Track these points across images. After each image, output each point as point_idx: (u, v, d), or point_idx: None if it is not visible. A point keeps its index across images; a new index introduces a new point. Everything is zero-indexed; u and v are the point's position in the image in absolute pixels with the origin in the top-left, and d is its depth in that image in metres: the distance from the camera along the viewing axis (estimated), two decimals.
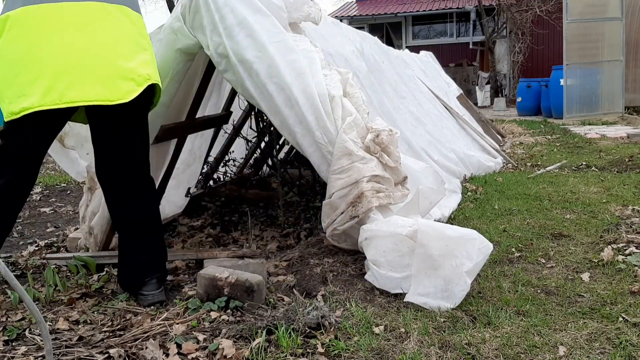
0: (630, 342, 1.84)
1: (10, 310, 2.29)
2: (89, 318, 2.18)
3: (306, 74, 2.67)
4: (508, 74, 16.23)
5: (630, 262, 2.56)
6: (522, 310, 2.12)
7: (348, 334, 1.95)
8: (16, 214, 2.30)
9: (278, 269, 2.65)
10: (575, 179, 4.68)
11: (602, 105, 10.77)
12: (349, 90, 2.79)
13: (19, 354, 1.90)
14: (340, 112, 2.65)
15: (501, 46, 16.32)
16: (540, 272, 2.54)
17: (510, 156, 6.24)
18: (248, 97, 2.82)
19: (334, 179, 2.60)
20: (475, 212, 3.62)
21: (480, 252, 2.24)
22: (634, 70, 11.43)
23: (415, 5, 18.76)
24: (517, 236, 3.08)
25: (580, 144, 7.17)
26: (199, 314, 2.14)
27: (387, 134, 2.65)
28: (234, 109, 4.13)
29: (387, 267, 2.31)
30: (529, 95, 12.41)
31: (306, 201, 4.21)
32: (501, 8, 15.58)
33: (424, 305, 2.16)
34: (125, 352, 1.86)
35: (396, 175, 2.69)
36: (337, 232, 2.63)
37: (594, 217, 3.41)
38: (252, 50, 2.67)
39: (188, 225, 3.74)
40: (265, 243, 3.29)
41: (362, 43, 4.37)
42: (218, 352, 1.83)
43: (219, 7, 2.72)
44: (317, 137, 2.64)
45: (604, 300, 2.20)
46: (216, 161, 4.42)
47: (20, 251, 3.26)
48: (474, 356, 1.79)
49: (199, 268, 2.52)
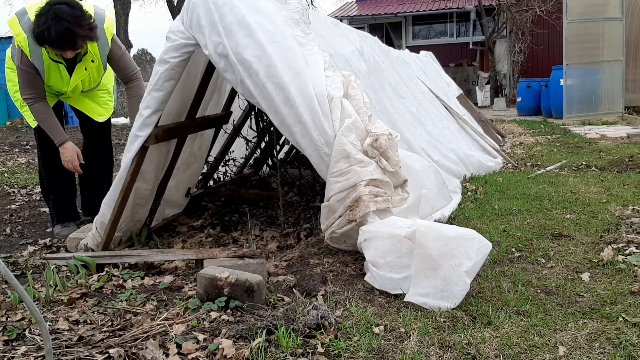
0: (630, 342, 1.84)
1: (10, 310, 2.29)
2: (89, 318, 2.18)
3: (304, 74, 2.67)
4: (508, 74, 16.23)
5: (630, 262, 2.56)
6: (522, 310, 2.12)
7: (348, 334, 1.95)
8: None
9: (278, 269, 2.65)
10: (575, 179, 4.68)
11: (602, 105, 10.77)
12: (351, 92, 2.79)
13: (19, 354, 1.90)
14: (339, 114, 2.63)
15: (501, 46, 16.32)
16: (540, 272, 2.54)
17: (510, 156, 6.24)
18: (248, 96, 2.83)
19: (332, 181, 2.59)
20: (475, 212, 3.62)
21: (479, 251, 2.24)
22: (634, 70, 11.43)
23: (415, 5, 18.76)
24: (517, 236, 3.08)
25: (580, 144, 7.17)
26: (199, 314, 2.14)
27: (386, 138, 2.63)
28: (234, 109, 4.13)
29: (386, 268, 2.31)
30: (529, 95, 12.41)
31: (306, 201, 4.21)
32: (501, 8, 15.58)
33: (423, 306, 2.16)
34: (125, 352, 1.86)
35: (395, 178, 2.68)
36: (335, 235, 2.63)
37: (594, 217, 3.41)
38: (251, 49, 2.68)
39: (188, 225, 3.74)
40: (265, 243, 3.29)
41: (362, 43, 4.37)
42: (218, 352, 1.83)
43: (218, 6, 2.72)
44: (314, 139, 2.63)
45: (604, 300, 2.19)
46: (216, 161, 4.42)
47: (20, 251, 3.26)
48: (474, 356, 1.79)
49: (199, 268, 2.52)
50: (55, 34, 2.94)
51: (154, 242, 3.35)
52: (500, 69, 16.45)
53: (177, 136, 3.32)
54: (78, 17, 2.99)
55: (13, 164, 7.20)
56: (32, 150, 8.55)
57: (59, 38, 2.96)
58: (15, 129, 12.04)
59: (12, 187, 5.36)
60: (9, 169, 6.74)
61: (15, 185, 5.46)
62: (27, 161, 7.43)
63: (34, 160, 7.41)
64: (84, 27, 3.02)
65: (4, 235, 3.68)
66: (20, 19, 3.13)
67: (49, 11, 2.94)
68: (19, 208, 4.48)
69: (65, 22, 2.94)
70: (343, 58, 3.67)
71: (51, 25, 2.92)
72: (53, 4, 2.97)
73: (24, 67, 3.18)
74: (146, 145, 2.91)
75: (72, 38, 3.01)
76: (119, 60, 3.41)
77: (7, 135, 10.88)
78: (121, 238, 3.22)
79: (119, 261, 2.85)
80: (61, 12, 2.93)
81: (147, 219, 3.38)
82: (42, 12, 2.95)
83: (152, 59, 52.34)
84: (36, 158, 7.46)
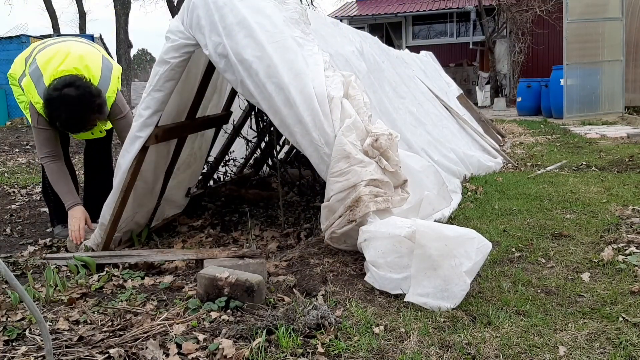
0: (630, 342, 1.84)
1: (10, 310, 2.29)
2: (89, 318, 2.18)
3: (304, 74, 2.67)
4: (508, 74, 16.24)
5: (630, 262, 2.56)
6: (522, 310, 2.12)
7: (348, 334, 1.95)
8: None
9: (278, 269, 2.65)
10: (576, 179, 4.68)
11: (602, 105, 10.78)
12: (351, 92, 2.78)
13: (19, 354, 1.90)
14: (339, 114, 2.63)
15: (501, 46, 16.32)
16: (540, 272, 2.54)
17: (510, 156, 6.24)
18: (248, 96, 2.83)
19: (332, 181, 2.59)
20: (476, 212, 3.62)
21: (479, 251, 2.24)
22: (634, 70, 11.43)
23: (415, 5, 18.77)
24: (517, 236, 3.08)
25: (580, 144, 7.17)
26: (199, 314, 2.14)
27: (387, 138, 2.63)
28: (234, 109, 4.13)
29: (386, 269, 2.31)
30: (529, 95, 12.41)
31: (306, 201, 4.21)
32: (501, 8, 15.59)
33: (424, 306, 2.16)
34: (126, 352, 1.87)
35: (396, 178, 2.68)
36: (335, 235, 2.63)
37: (594, 217, 3.41)
38: (251, 49, 2.68)
39: (188, 225, 3.74)
40: (265, 243, 3.29)
41: (362, 43, 4.37)
42: (218, 352, 1.83)
43: (218, 6, 2.72)
44: (314, 139, 2.63)
45: (604, 300, 2.19)
46: (216, 161, 4.42)
47: (20, 251, 3.26)
48: (474, 356, 1.79)
49: (199, 268, 2.52)
50: (65, 120, 3.03)
51: (154, 242, 3.35)
52: (500, 69, 16.45)
53: (177, 136, 3.32)
54: (87, 102, 3.03)
55: (13, 164, 7.21)
56: (32, 150, 8.55)
57: (70, 123, 3.07)
58: (15, 129, 12.04)
59: (12, 187, 5.36)
60: (9, 169, 6.74)
61: (15, 185, 5.46)
62: (27, 161, 7.43)
63: (34, 160, 7.41)
64: (94, 110, 3.07)
65: (4, 235, 3.68)
66: (36, 84, 3.18)
67: (57, 98, 2.99)
68: (19, 208, 4.48)
69: (74, 107, 3.00)
70: (343, 58, 3.67)
71: (62, 113, 2.99)
72: (62, 87, 3.01)
73: (40, 126, 3.24)
74: (146, 145, 2.91)
75: (82, 123, 3.11)
76: (117, 121, 3.42)
77: (7, 135, 10.88)
78: (121, 238, 3.22)
79: (119, 261, 2.85)
80: (70, 98, 2.97)
81: (147, 219, 3.38)
82: (51, 98, 3.00)
83: (152, 59, 52.32)
84: (36, 158, 7.48)
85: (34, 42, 5.14)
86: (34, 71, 3.21)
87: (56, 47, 3.34)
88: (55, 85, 3.03)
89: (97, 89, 3.15)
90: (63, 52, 3.27)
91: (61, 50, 3.30)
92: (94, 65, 3.30)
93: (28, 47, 3.56)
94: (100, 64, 3.35)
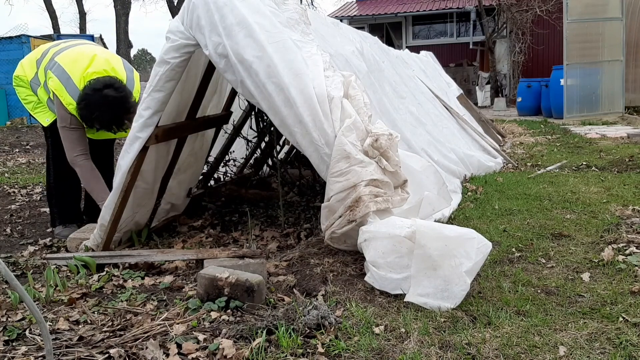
0: (631, 342, 1.84)
1: (10, 310, 2.29)
2: (89, 318, 2.18)
3: (304, 75, 2.67)
4: (508, 74, 16.23)
5: (630, 262, 2.56)
6: (522, 310, 2.12)
7: (348, 334, 1.95)
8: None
9: (278, 269, 2.65)
10: (576, 179, 4.68)
11: (602, 105, 10.77)
12: (351, 92, 2.78)
13: (19, 354, 1.90)
14: (339, 114, 2.63)
15: (501, 46, 16.32)
16: (541, 272, 2.53)
17: (511, 156, 6.23)
18: (248, 96, 2.83)
19: (332, 181, 2.59)
20: (476, 212, 3.62)
21: (479, 251, 2.24)
22: (634, 70, 11.43)
23: (416, 5, 18.76)
24: (517, 236, 3.08)
25: (581, 144, 7.17)
26: (199, 314, 2.14)
27: (387, 139, 2.63)
28: (234, 109, 4.13)
29: (386, 269, 2.31)
30: (529, 95, 12.41)
31: (306, 201, 4.21)
32: (501, 8, 15.58)
33: (424, 306, 2.16)
34: (126, 352, 1.87)
35: (396, 178, 2.68)
36: (335, 235, 2.63)
37: (594, 217, 3.41)
38: (251, 50, 2.67)
39: (188, 225, 3.74)
40: (266, 243, 3.29)
41: (362, 43, 4.37)
42: (218, 352, 1.83)
43: (219, 7, 2.72)
44: (315, 139, 2.63)
45: (604, 300, 2.19)
46: (216, 161, 4.42)
47: (20, 251, 3.26)
48: (474, 356, 1.79)
49: (199, 268, 2.52)
50: (108, 120, 3.17)
51: (154, 242, 3.35)
52: (500, 69, 16.45)
53: (178, 136, 3.32)
54: (126, 102, 3.18)
55: (13, 164, 7.21)
56: (32, 151, 8.55)
57: (110, 124, 3.21)
58: (15, 129, 12.03)
59: (13, 187, 5.36)
60: (9, 169, 6.74)
61: (15, 186, 5.47)
62: (28, 161, 7.43)
63: (34, 161, 7.41)
64: (130, 110, 3.18)
65: (4, 235, 3.68)
66: (65, 85, 3.23)
67: (99, 99, 3.09)
68: (19, 208, 4.48)
69: (116, 108, 3.14)
70: (343, 58, 3.67)
71: (104, 113, 3.12)
72: (102, 89, 3.11)
73: (73, 126, 3.32)
74: (146, 145, 2.91)
75: (121, 123, 3.25)
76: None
77: (7, 135, 10.88)
78: (121, 238, 3.22)
79: (119, 261, 2.85)
80: (112, 98, 3.10)
81: (147, 219, 3.38)
82: (92, 99, 3.08)
83: (152, 59, 52.28)
84: (36, 158, 7.47)
85: (37, 43, 5.16)
86: (61, 74, 3.22)
87: (78, 49, 3.38)
88: (93, 86, 3.09)
89: (129, 90, 3.22)
90: (88, 54, 3.31)
91: (85, 52, 3.34)
92: (119, 67, 3.35)
93: (36, 50, 3.56)
94: (123, 67, 3.42)
